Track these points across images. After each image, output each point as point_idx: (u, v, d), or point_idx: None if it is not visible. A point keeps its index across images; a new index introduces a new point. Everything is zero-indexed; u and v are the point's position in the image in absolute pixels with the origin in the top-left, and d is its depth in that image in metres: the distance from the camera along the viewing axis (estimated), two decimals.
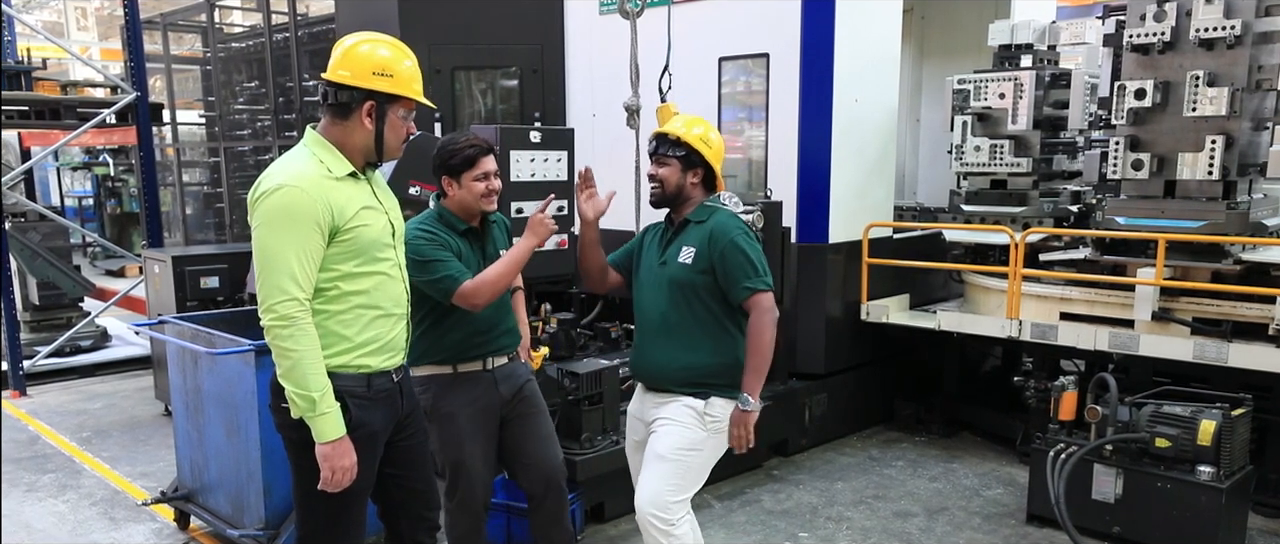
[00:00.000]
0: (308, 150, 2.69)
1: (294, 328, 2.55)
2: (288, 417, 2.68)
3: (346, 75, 2.66)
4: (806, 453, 5.82)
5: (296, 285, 2.55)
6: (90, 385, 7.73)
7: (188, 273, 6.26)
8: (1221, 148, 4.71)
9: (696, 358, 3.18)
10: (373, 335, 2.74)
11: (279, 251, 2.54)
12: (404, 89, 2.71)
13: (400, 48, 2.76)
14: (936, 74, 7.04)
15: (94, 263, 13.90)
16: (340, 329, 2.69)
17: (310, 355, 2.58)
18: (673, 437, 3.18)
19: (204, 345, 4.13)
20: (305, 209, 2.55)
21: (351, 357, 2.71)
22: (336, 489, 2.67)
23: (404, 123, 2.76)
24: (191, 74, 11.38)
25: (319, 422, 2.61)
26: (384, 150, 2.75)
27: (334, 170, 2.65)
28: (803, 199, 5.74)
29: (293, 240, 2.54)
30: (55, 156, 14.79)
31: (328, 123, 2.72)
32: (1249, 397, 4.44)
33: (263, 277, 2.56)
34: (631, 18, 4.01)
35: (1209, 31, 4.67)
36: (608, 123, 6.28)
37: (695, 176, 3.25)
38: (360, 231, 2.67)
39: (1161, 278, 4.78)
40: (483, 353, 3.38)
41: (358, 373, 2.72)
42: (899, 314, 6.03)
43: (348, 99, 2.66)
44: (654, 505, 3.13)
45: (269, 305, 2.55)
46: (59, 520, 4.91)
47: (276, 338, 2.57)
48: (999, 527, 4.74)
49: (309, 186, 2.58)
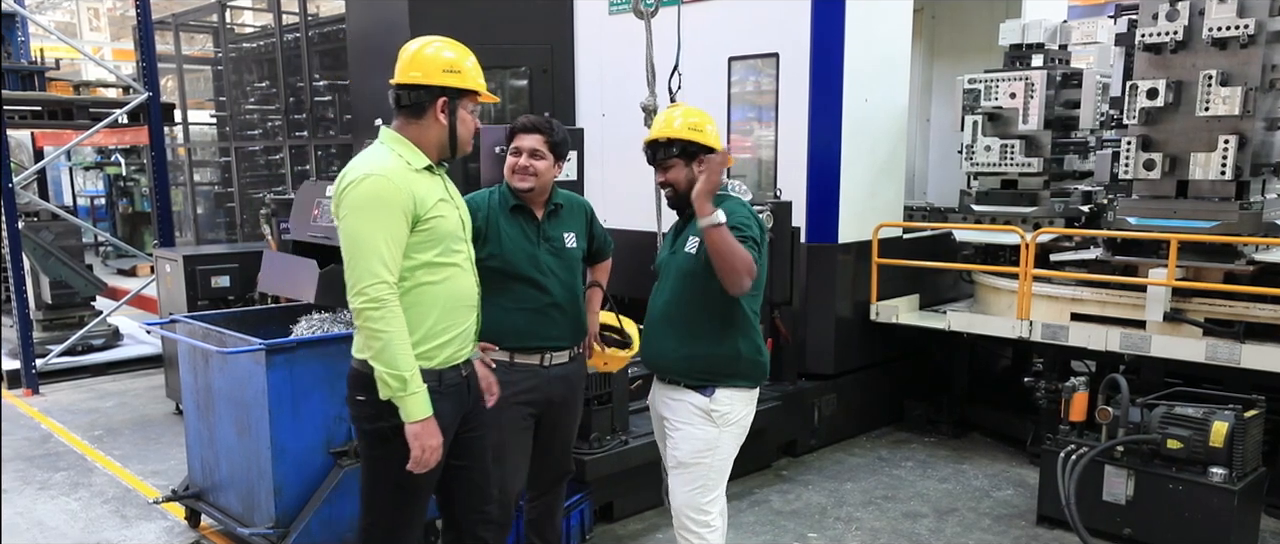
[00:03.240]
0: (385, 146, 2.82)
1: (384, 309, 2.65)
2: (365, 408, 2.79)
3: (418, 75, 2.81)
4: (816, 453, 5.81)
5: (386, 268, 2.66)
6: (102, 384, 7.76)
7: (199, 272, 6.29)
8: (1234, 147, 4.68)
9: (698, 347, 3.18)
10: (445, 327, 2.84)
11: (368, 237, 2.65)
12: (471, 83, 2.87)
13: (462, 48, 2.92)
14: (947, 73, 7.02)
15: (106, 262, 13.96)
16: (415, 321, 2.77)
17: (400, 336, 2.67)
18: (689, 442, 3.21)
19: (215, 344, 4.15)
20: (391, 196, 2.68)
21: (424, 348, 2.79)
22: (424, 469, 2.75)
23: (472, 117, 2.92)
24: (203, 74, 11.43)
25: (409, 401, 2.68)
26: (457, 144, 2.89)
27: (412, 163, 2.79)
28: (812, 199, 5.73)
29: (381, 226, 2.66)
30: (68, 156, 14.88)
31: (402, 123, 2.85)
32: (1262, 398, 4.42)
33: (352, 262, 2.67)
34: (646, 18, 3.99)
35: (1222, 31, 4.64)
36: (618, 122, 6.28)
37: (700, 165, 3.23)
38: (437, 223, 2.79)
39: (1173, 278, 4.76)
40: (544, 347, 3.38)
41: (429, 366, 2.80)
42: (909, 314, 6.01)
43: (421, 98, 2.81)
44: (689, 507, 3.24)
45: (360, 289, 2.65)
46: (71, 518, 4.93)
47: (367, 320, 2.65)
48: (1009, 528, 4.72)
49: (393, 175, 2.71)
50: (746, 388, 3.25)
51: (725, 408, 3.19)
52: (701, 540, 3.24)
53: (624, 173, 5.55)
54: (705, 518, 3.23)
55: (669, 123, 3.21)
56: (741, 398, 3.24)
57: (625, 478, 4.56)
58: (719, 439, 3.21)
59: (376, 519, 2.92)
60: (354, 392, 2.83)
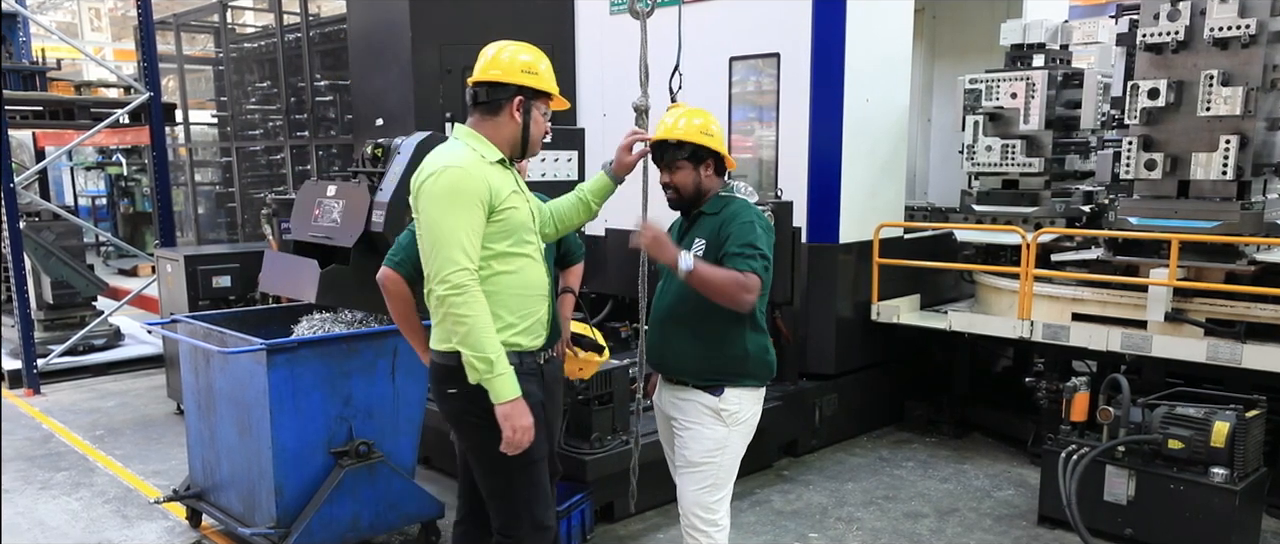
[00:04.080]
0: (460, 142, 2.92)
1: (466, 294, 2.73)
2: (456, 401, 2.89)
3: (497, 74, 2.93)
4: (817, 453, 5.81)
5: (466, 256, 2.74)
6: (103, 384, 7.77)
7: (200, 272, 6.30)
8: (1235, 147, 4.67)
9: (706, 346, 3.17)
10: (523, 314, 2.94)
11: (449, 226, 2.74)
12: (547, 86, 3.01)
13: (539, 52, 3.04)
14: (948, 73, 7.02)
15: (107, 262, 13.97)
16: (494, 309, 2.84)
17: (483, 319, 2.75)
18: (699, 442, 3.21)
19: (216, 344, 4.15)
20: (469, 187, 2.77)
21: (506, 335, 2.88)
22: (517, 450, 2.82)
23: (545, 119, 3.05)
24: (204, 74, 11.44)
25: (496, 382, 2.76)
26: (529, 143, 3.00)
27: (487, 156, 2.88)
28: (813, 199, 5.73)
29: (460, 216, 2.75)
30: (69, 156, 14.89)
31: (476, 120, 2.96)
32: (1263, 398, 4.42)
33: (433, 251, 2.75)
34: (641, 18, 3.98)
35: (1223, 30, 4.64)
36: (618, 123, 6.26)
37: (707, 169, 3.22)
38: (511, 214, 2.88)
39: (1175, 278, 4.75)
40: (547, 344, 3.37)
41: (512, 351, 2.89)
42: (910, 314, 6.01)
43: (497, 96, 2.92)
44: (697, 506, 3.24)
45: (442, 277, 2.73)
46: (72, 518, 4.94)
47: (451, 307, 2.73)
48: (1010, 528, 4.72)
49: (470, 167, 2.81)
50: (755, 387, 3.25)
51: (734, 407, 3.19)
52: (709, 539, 3.25)
53: None
54: (713, 517, 3.24)
55: (678, 124, 3.19)
56: (750, 397, 3.24)
57: (625, 478, 4.53)
58: (728, 438, 3.22)
59: (517, 504, 3.00)
60: (442, 385, 2.94)
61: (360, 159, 5.04)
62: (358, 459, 4.10)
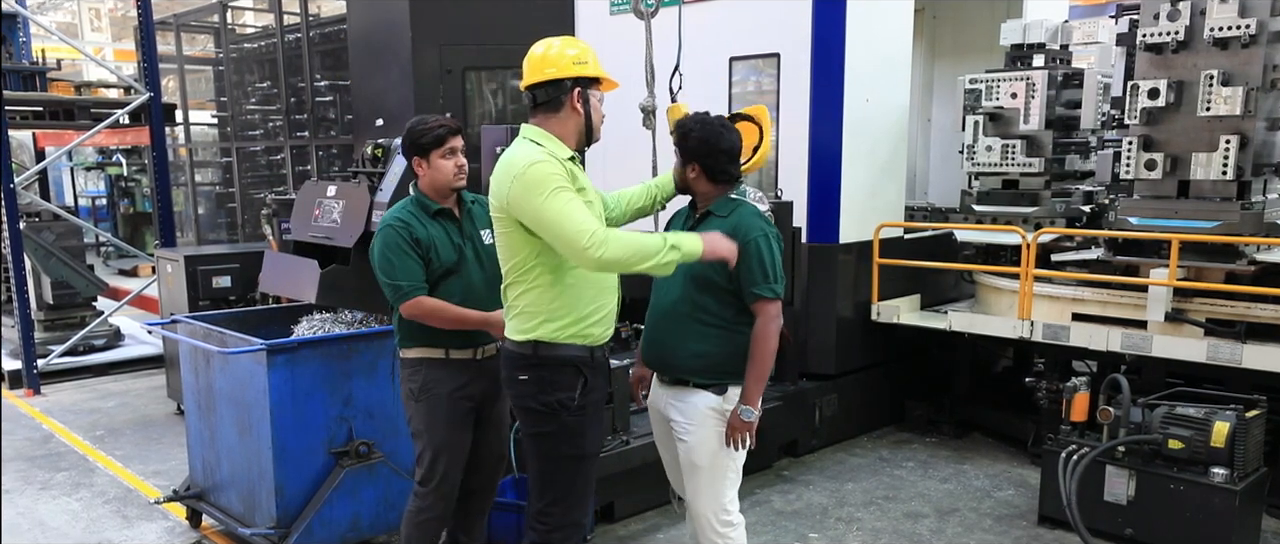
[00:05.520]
0: (528, 142, 3.00)
1: (609, 243, 2.80)
2: (528, 386, 2.99)
3: (553, 71, 3.00)
4: (817, 454, 5.80)
5: (588, 219, 2.83)
6: (103, 384, 7.77)
7: (200, 272, 6.30)
8: (1236, 147, 4.67)
9: (707, 346, 3.16)
10: (596, 307, 3.04)
11: (560, 207, 2.82)
12: (598, 72, 3.08)
13: (583, 43, 3.13)
14: (948, 74, 7.02)
15: (107, 262, 13.97)
16: (571, 301, 2.96)
17: (633, 242, 2.83)
18: (706, 444, 3.19)
19: (216, 345, 4.15)
20: (557, 173, 2.87)
21: (580, 327, 2.99)
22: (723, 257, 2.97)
23: (600, 105, 3.13)
24: (204, 74, 11.43)
25: (686, 250, 2.88)
26: (593, 130, 3.09)
27: (558, 154, 2.96)
28: (813, 199, 5.73)
29: (562, 196, 2.84)
30: (69, 156, 14.89)
31: (541, 119, 3.04)
32: (1263, 398, 4.41)
33: (560, 232, 2.82)
34: (646, 18, 3.99)
35: (1223, 30, 4.64)
36: (618, 123, 6.26)
37: (693, 171, 3.22)
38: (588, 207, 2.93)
39: (1175, 278, 4.75)
40: (475, 342, 3.46)
41: (584, 344, 3.01)
42: (910, 315, 6.01)
43: (556, 93, 3.00)
44: (712, 508, 3.24)
45: (582, 246, 2.79)
46: (72, 518, 4.94)
47: (605, 252, 2.79)
48: (1010, 528, 4.72)
49: (549, 158, 2.90)
50: None
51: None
52: (727, 542, 3.24)
53: (625, 173, 5.54)
54: (728, 517, 3.25)
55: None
56: None
57: (626, 478, 4.56)
58: None
59: (558, 495, 3.07)
60: (515, 371, 3.02)
61: (360, 159, 5.04)
62: (358, 459, 4.10)
